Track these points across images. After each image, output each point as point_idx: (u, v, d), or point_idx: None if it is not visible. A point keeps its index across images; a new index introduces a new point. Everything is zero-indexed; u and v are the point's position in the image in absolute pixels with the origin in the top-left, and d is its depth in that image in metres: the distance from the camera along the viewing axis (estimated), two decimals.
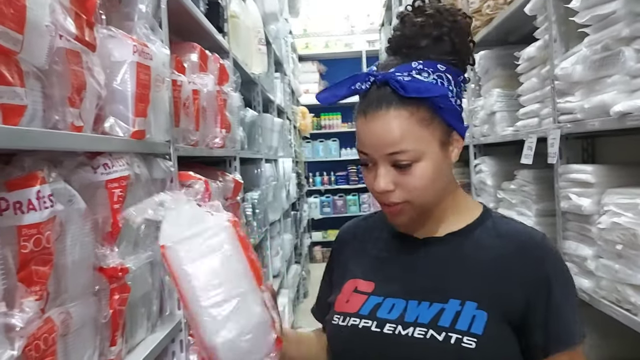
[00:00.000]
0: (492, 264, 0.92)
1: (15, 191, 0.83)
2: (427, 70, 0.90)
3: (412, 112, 0.89)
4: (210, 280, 0.85)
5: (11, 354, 0.74)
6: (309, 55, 8.18)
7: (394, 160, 0.90)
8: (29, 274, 0.83)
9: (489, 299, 0.89)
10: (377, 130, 0.90)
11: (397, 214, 0.94)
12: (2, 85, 0.79)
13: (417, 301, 0.93)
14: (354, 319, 0.96)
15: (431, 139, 0.90)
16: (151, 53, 1.29)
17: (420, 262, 0.97)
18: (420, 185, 0.91)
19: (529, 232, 0.96)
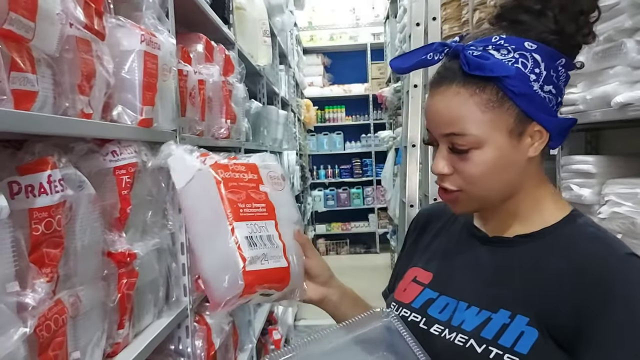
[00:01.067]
0: (554, 278, 0.79)
1: (27, 175, 0.86)
2: (508, 47, 0.78)
3: (475, 92, 0.79)
4: (199, 223, 0.96)
5: (24, 331, 0.77)
6: (313, 48, 8.18)
7: (452, 143, 0.81)
8: (40, 256, 0.86)
9: (542, 316, 0.78)
10: (436, 107, 0.82)
11: (452, 202, 0.87)
12: (15, 71, 0.81)
13: (468, 304, 0.85)
14: (405, 310, 0.92)
15: (496, 126, 0.79)
16: (159, 42, 1.30)
17: (482, 262, 0.88)
18: (476, 174, 0.81)
19: (607, 249, 0.79)
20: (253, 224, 0.94)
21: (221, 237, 0.92)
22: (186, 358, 1.54)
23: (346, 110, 8.14)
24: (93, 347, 1.03)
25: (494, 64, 0.77)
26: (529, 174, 0.85)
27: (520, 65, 0.78)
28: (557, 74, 0.80)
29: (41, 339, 0.84)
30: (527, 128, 0.81)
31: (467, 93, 0.79)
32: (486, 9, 2.61)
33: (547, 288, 0.79)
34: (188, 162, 0.99)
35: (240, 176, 0.99)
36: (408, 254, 1.04)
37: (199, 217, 0.96)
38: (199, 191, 0.96)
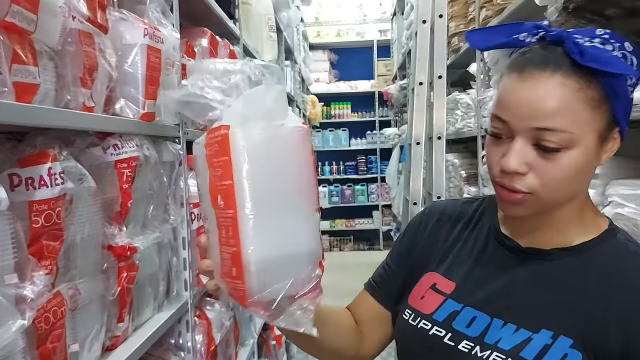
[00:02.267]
0: (599, 299, 0.74)
1: (28, 168, 0.86)
2: (613, 44, 0.71)
3: (582, 87, 0.70)
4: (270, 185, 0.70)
5: (22, 324, 0.77)
6: (320, 44, 8.16)
7: (539, 139, 0.72)
8: (40, 248, 0.86)
9: (587, 339, 0.73)
10: (532, 95, 0.71)
11: (515, 204, 0.76)
12: (17, 64, 0.81)
13: (504, 321, 0.78)
14: (426, 323, 0.84)
15: (592, 127, 0.72)
16: (162, 37, 1.30)
17: (514, 274, 0.81)
18: (559, 177, 0.73)
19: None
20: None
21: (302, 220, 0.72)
22: (186, 353, 1.55)
23: (352, 107, 8.12)
24: (92, 340, 1.03)
25: (613, 58, 0.70)
26: (587, 184, 0.80)
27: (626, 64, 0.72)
28: (637, 83, 0.74)
29: (40, 331, 0.84)
30: (611, 133, 0.75)
31: (574, 87, 0.70)
32: (493, 6, 2.60)
33: (593, 310, 0.74)
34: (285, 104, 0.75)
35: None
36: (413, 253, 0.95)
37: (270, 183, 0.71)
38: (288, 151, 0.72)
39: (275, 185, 0.71)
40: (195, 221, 1.57)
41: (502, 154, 0.75)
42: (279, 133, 0.72)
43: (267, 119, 0.71)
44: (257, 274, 0.69)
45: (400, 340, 0.90)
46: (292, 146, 0.72)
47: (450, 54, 3.45)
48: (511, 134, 0.74)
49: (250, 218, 0.69)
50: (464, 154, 3.59)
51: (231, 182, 0.70)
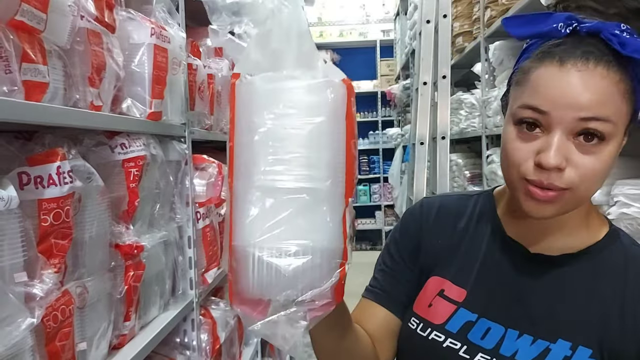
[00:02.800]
0: (614, 305, 0.73)
1: (37, 166, 0.86)
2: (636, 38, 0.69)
3: (622, 78, 0.69)
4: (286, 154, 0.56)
5: (31, 322, 0.77)
6: (323, 44, 8.16)
7: (583, 129, 0.68)
8: (48, 246, 0.86)
9: (604, 347, 0.72)
10: (577, 85, 0.68)
11: (548, 202, 0.71)
12: (26, 62, 0.81)
13: (519, 332, 0.76)
14: (437, 334, 0.79)
15: (624, 120, 0.70)
16: (168, 36, 1.31)
17: (529, 283, 0.78)
18: (599, 170, 0.69)
19: None
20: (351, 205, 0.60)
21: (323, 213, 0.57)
22: (191, 351, 1.55)
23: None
24: (99, 338, 1.04)
25: None
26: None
27: None
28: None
29: (48, 329, 0.85)
30: (628, 127, 0.73)
31: (615, 78, 0.68)
32: (497, 6, 2.60)
33: (608, 316, 0.73)
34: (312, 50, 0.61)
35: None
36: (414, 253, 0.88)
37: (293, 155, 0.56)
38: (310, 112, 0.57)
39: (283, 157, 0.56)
40: (201, 220, 1.57)
41: (534, 150, 0.70)
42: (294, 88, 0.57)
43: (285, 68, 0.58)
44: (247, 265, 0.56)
45: (407, 350, 0.84)
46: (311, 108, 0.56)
47: (454, 54, 3.45)
48: (548, 125, 0.70)
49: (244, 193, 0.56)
50: (467, 153, 3.59)
51: (232, 144, 0.58)
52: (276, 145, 0.56)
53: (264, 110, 0.56)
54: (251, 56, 0.58)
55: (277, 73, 0.58)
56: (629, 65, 0.69)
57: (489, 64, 2.88)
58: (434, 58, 3.03)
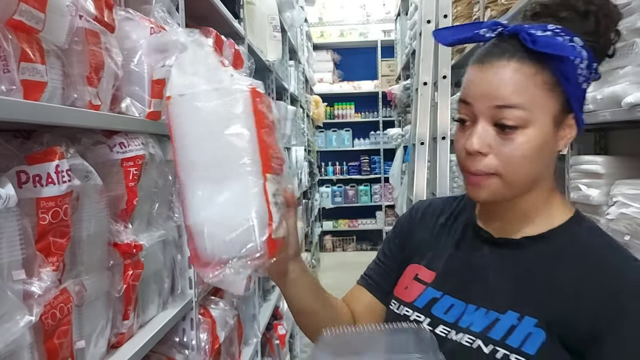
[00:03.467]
0: (563, 281, 0.80)
1: (35, 165, 0.86)
2: (563, 37, 0.79)
3: (536, 71, 0.78)
4: (204, 152, 0.74)
5: (30, 319, 0.78)
6: (323, 44, 8.17)
7: (499, 118, 0.78)
8: (47, 245, 0.87)
9: (551, 319, 0.78)
10: (491, 79, 0.79)
11: (480, 186, 0.81)
12: (24, 62, 0.82)
13: (476, 307, 0.84)
14: (407, 309, 0.90)
15: (546, 109, 0.79)
16: None
17: (488, 263, 0.87)
18: (517, 155, 0.79)
19: (616, 254, 0.82)
20: (276, 178, 0.77)
21: (244, 186, 0.74)
22: (190, 350, 1.55)
23: (355, 107, 8.13)
24: (97, 337, 1.04)
25: (561, 44, 0.77)
26: (549, 171, 0.86)
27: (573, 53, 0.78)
28: (589, 76, 0.81)
29: (46, 327, 0.85)
30: (566, 119, 0.82)
31: (527, 71, 0.78)
32: (497, 6, 2.60)
33: (560, 293, 0.79)
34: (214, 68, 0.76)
35: (269, 114, 0.77)
36: (401, 247, 1.01)
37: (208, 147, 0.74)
38: (222, 114, 0.73)
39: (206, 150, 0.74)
40: None
41: (467, 137, 0.81)
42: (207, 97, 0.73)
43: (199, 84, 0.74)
44: (197, 235, 0.75)
45: None
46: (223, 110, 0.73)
47: (455, 54, 3.46)
48: (474, 117, 0.81)
49: (186, 185, 0.76)
50: None
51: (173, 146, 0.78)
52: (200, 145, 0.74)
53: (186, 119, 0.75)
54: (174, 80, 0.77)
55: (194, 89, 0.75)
56: (550, 61, 0.77)
57: None
58: (434, 58, 3.03)
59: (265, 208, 0.74)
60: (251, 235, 0.73)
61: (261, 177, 0.74)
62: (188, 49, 0.79)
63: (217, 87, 0.74)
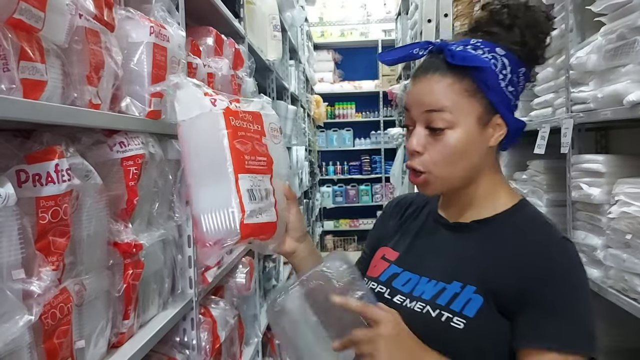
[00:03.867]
0: (500, 255, 0.93)
1: (35, 164, 0.86)
2: (483, 49, 0.94)
3: (457, 80, 0.93)
4: (199, 160, 0.98)
5: (29, 319, 0.78)
6: (324, 44, 8.16)
7: (429, 121, 0.93)
8: (46, 244, 0.87)
9: (487, 286, 0.91)
10: (421, 90, 0.95)
11: (421, 185, 0.97)
12: (24, 61, 0.81)
13: (428, 279, 0.98)
14: (373, 283, 1.04)
15: (469, 112, 0.93)
16: (168, 35, 1.31)
17: (442, 244, 1.02)
18: (445, 154, 0.93)
19: (546, 233, 0.95)
20: (254, 177, 0.97)
21: (224, 184, 0.95)
22: (191, 350, 1.55)
23: (356, 106, 8.12)
24: (98, 336, 1.04)
25: (473, 57, 0.93)
26: (488, 163, 0.99)
27: (492, 64, 0.93)
28: (518, 80, 0.95)
29: (46, 327, 0.85)
30: (492, 119, 0.95)
31: (449, 81, 0.93)
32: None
33: (497, 265, 0.93)
34: (199, 99, 0.98)
35: (248, 126, 0.99)
36: (377, 236, 1.17)
37: (201, 156, 0.98)
38: (206, 131, 0.97)
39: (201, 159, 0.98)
40: None
41: (408, 140, 0.97)
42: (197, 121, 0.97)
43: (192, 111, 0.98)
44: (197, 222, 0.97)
45: None
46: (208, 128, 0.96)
47: None
48: (413, 122, 0.97)
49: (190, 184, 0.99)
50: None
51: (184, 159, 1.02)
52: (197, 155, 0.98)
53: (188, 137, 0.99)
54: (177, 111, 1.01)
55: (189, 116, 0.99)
56: (468, 71, 0.92)
57: None
58: None
59: (238, 201, 0.94)
60: (229, 222, 0.94)
61: (234, 176, 0.95)
62: (182, 87, 1.00)
63: (202, 112, 0.97)
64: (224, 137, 0.95)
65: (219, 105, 0.97)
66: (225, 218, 0.94)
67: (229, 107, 0.98)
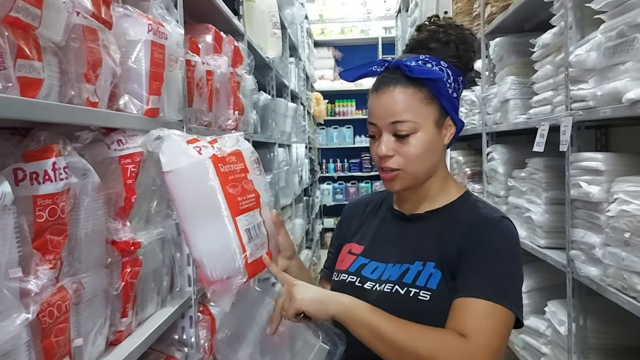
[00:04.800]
0: (451, 234, 1.09)
1: (32, 162, 0.86)
2: (431, 62, 1.10)
3: (415, 91, 1.07)
4: (193, 206, 1.01)
5: (26, 317, 0.78)
6: (324, 41, 8.15)
7: (396, 130, 1.07)
8: (44, 242, 0.86)
9: (443, 261, 1.07)
10: (385, 102, 1.08)
11: (392, 180, 1.10)
12: (21, 58, 0.81)
13: (393, 264, 1.12)
14: (344, 275, 1.17)
15: (428, 117, 1.08)
16: (166, 32, 1.30)
17: (402, 234, 1.16)
18: (415, 153, 1.07)
19: (489, 214, 1.11)
20: (248, 215, 1.01)
21: (222, 228, 0.98)
22: (190, 348, 1.55)
23: (356, 104, 8.11)
24: (96, 335, 1.04)
25: (428, 70, 1.08)
26: (441, 160, 1.15)
27: (442, 75, 1.08)
28: (458, 86, 1.12)
29: (44, 325, 0.85)
30: (444, 121, 1.11)
31: (410, 92, 1.07)
32: (497, 2, 2.59)
33: (449, 242, 1.08)
34: (184, 149, 1.01)
35: (234, 168, 1.02)
36: (340, 236, 1.28)
37: (193, 204, 1.00)
38: (197, 180, 0.99)
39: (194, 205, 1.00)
40: None
41: (377, 147, 1.09)
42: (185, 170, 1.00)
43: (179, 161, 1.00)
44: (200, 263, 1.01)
45: None
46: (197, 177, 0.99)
47: None
48: (380, 131, 1.09)
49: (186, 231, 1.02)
50: (467, 150, 3.58)
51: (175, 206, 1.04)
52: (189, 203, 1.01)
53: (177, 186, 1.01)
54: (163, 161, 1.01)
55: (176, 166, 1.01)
56: (424, 82, 1.07)
57: (489, 60, 2.87)
58: None
59: (239, 242, 0.99)
60: (233, 262, 0.98)
61: (232, 220, 0.99)
62: (165, 140, 1.02)
63: (189, 162, 0.99)
64: (217, 186, 0.98)
65: (205, 154, 1.00)
66: (229, 260, 0.98)
67: (215, 155, 1.01)
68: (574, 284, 1.87)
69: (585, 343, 1.90)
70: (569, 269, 1.88)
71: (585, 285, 1.77)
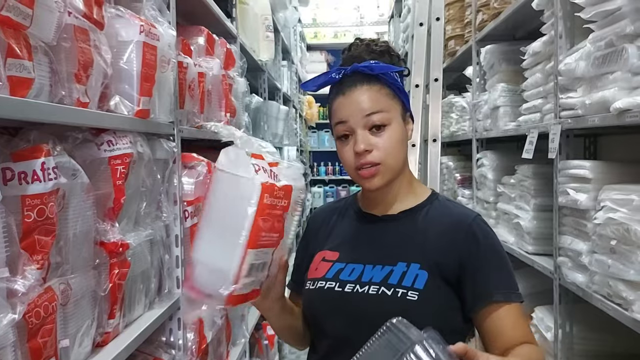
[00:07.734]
0: (433, 236, 1.12)
1: (21, 162, 0.86)
2: (381, 65, 1.15)
3: (380, 87, 1.12)
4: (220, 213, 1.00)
5: (12, 317, 0.77)
6: (317, 45, 8.16)
7: (372, 122, 1.09)
8: (31, 243, 0.86)
9: (429, 262, 1.09)
10: (356, 99, 1.11)
11: (373, 176, 1.10)
12: (11, 58, 0.81)
13: (372, 265, 1.12)
14: (321, 282, 1.15)
15: (396, 110, 1.13)
16: (158, 34, 1.30)
17: (377, 235, 1.17)
18: (392, 144, 1.10)
19: (464, 212, 1.17)
20: (261, 251, 0.97)
21: (231, 249, 0.95)
22: (177, 350, 1.54)
23: None
24: (82, 336, 1.03)
25: (387, 66, 1.13)
26: (406, 157, 1.17)
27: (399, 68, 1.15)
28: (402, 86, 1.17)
29: (30, 326, 0.84)
30: (406, 116, 1.16)
31: (375, 88, 1.11)
32: (489, 10, 2.61)
33: (432, 242, 1.10)
34: (245, 161, 0.99)
35: (276, 203, 0.98)
36: (309, 246, 1.26)
37: (222, 211, 0.99)
38: (239, 194, 0.97)
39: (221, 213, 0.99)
40: (189, 218, 1.57)
41: (351, 148, 1.10)
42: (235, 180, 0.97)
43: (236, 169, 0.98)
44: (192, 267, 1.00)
45: (307, 304, 1.18)
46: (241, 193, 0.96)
47: (447, 57, 3.46)
48: (352, 130, 1.10)
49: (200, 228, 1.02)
50: (458, 156, 3.60)
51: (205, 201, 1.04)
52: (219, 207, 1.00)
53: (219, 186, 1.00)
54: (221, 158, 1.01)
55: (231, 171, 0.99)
56: (384, 79, 1.11)
57: (480, 67, 2.89)
58: (426, 61, 3.03)
59: (237, 272, 0.95)
60: (220, 287, 0.95)
61: (244, 250, 0.95)
62: (237, 143, 1.01)
63: (243, 176, 0.97)
64: (252, 213, 0.95)
65: (260, 177, 0.97)
66: (218, 282, 0.95)
67: (266, 183, 0.96)
68: (561, 290, 1.88)
69: (571, 349, 1.91)
70: (556, 276, 1.89)
71: (572, 292, 1.78)
